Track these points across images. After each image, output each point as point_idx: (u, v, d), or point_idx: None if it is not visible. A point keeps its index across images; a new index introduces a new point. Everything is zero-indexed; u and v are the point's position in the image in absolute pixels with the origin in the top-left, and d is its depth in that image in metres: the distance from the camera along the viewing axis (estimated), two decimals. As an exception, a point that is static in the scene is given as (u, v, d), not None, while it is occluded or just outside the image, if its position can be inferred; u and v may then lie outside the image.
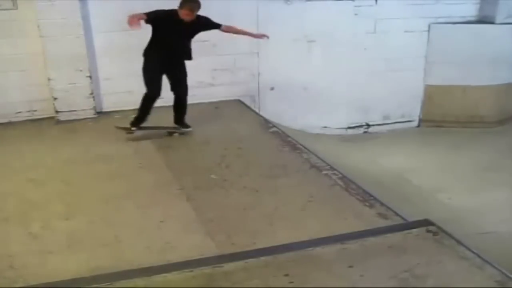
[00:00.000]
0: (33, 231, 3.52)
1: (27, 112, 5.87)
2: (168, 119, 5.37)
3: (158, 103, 6.06)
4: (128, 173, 4.44)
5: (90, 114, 5.92)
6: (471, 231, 4.05)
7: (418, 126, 7.22)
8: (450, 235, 3.30)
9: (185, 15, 4.75)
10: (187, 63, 5.21)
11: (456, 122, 6.99)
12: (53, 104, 5.79)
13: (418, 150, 6.43)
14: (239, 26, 5.16)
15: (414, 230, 3.41)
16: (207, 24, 5.01)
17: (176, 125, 5.33)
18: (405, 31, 6.71)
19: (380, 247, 3.23)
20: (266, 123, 5.85)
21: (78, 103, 5.85)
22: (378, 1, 6.49)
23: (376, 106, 6.90)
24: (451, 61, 6.82)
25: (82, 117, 5.85)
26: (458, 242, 3.23)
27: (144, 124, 5.19)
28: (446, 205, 4.85)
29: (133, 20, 4.56)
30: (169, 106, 5.37)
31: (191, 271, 2.96)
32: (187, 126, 5.34)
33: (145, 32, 5.98)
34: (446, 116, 7.04)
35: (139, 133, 5.17)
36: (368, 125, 7.01)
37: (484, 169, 5.70)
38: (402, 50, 6.73)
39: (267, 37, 5.21)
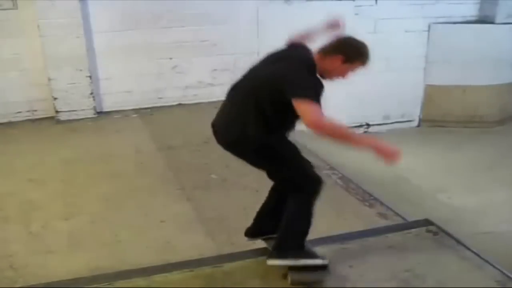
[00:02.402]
0: (33, 231, 3.52)
1: (27, 112, 5.87)
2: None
3: (157, 103, 6.07)
4: (128, 173, 4.43)
5: (90, 114, 5.92)
6: (471, 231, 4.04)
7: (418, 126, 7.22)
8: (450, 235, 3.30)
9: (348, 73, 2.83)
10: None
11: (456, 122, 6.98)
12: (53, 104, 5.79)
13: (418, 150, 6.42)
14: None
15: (414, 230, 3.41)
16: None
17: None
18: (405, 31, 6.70)
19: (380, 247, 3.22)
20: (266, 123, 5.84)
21: (78, 103, 5.84)
22: (378, 1, 6.48)
23: (376, 106, 6.90)
24: (451, 61, 6.81)
25: (82, 117, 5.85)
26: (458, 242, 3.23)
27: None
28: (446, 205, 4.85)
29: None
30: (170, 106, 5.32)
31: (191, 271, 2.96)
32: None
33: (146, 32, 6.01)
34: (446, 116, 7.04)
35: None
36: (368, 125, 7.01)
37: (484, 169, 5.70)
38: (402, 50, 6.72)
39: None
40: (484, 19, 6.89)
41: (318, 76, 2.67)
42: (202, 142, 5.13)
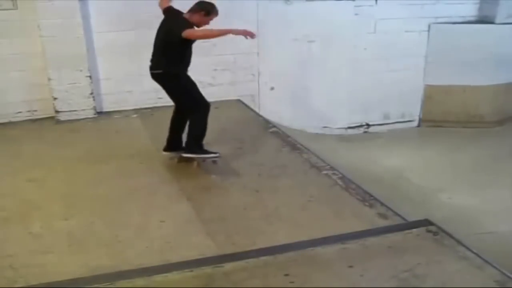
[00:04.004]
0: (33, 231, 3.53)
1: (27, 112, 5.87)
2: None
3: (157, 103, 6.06)
4: (128, 173, 4.44)
5: (90, 114, 5.92)
6: (471, 231, 4.04)
7: (418, 126, 7.21)
8: (450, 235, 3.30)
9: (209, 22, 4.32)
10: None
11: (456, 122, 6.98)
12: (53, 104, 5.79)
13: (418, 150, 6.42)
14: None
15: (414, 230, 3.41)
16: None
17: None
18: (405, 31, 6.70)
19: (380, 247, 3.23)
20: (266, 123, 5.85)
21: (78, 103, 5.84)
22: (378, 1, 6.48)
23: (376, 106, 6.89)
24: (451, 61, 6.81)
25: (82, 117, 5.85)
26: (458, 242, 3.24)
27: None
28: (446, 205, 4.85)
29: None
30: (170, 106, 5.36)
31: (191, 271, 2.96)
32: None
33: (146, 32, 6.00)
34: (446, 116, 7.04)
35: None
36: (368, 125, 7.00)
37: (484, 169, 5.70)
38: (402, 50, 6.72)
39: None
40: (484, 19, 6.88)
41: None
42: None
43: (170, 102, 6.31)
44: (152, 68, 4.36)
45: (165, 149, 4.63)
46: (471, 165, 5.83)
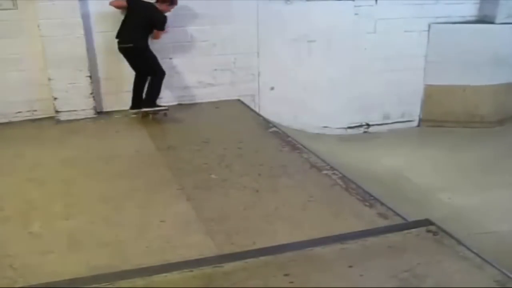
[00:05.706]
0: (33, 231, 3.53)
1: (27, 112, 5.87)
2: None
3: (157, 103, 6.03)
4: (128, 173, 4.44)
5: (90, 114, 5.92)
6: (471, 231, 4.05)
7: (418, 126, 7.22)
8: (450, 235, 3.30)
9: (171, 9, 5.68)
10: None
11: (456, 122, 6.99)
12: (53, 104, 5.79)
13: (418, 149, 6.43)
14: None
15: (414, 230, 3.41)
16: None
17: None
18: (405, 31, 6.71)
19: (380, 247, 3.23)
20: (266, 123, 5.85)
21: (78, 103, 5.84)
22: (378, 1, 6.48)
23: (376, 106, 6.90)
24: (451, 61, 6.82)
25: (82, 117, 5.85)
26: (458, 242, 3.24)
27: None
28: (446, 205, 4.85)
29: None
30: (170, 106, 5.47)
31: (191, 271, 2.96)
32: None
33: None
34: (446, 116, 7.04)
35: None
36: (368, 125, 7.01)
37: (484, 169, 5.70)
38: (402, 50, 6.73)
39: None
40: (484, 19, 6.89)
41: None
42: (202, 142, 5.15)
43: (170, 102, 6.36)
44: (121, 42, 5.47)
45: (132, 108, 5.75)
46: (471, 165, 5.84)
